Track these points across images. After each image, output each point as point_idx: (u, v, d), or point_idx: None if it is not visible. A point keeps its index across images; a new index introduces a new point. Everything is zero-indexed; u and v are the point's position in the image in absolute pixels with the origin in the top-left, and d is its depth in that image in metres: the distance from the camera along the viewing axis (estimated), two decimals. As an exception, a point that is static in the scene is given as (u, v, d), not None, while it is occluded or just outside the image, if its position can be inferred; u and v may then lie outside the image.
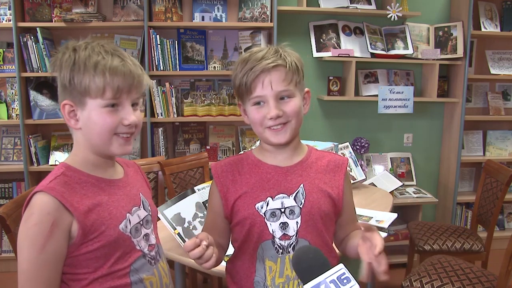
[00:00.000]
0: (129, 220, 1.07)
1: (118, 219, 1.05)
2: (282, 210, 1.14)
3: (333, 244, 1.28)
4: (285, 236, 1.14)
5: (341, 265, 0.84)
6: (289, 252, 1.14)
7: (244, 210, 1.15)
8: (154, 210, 1.18)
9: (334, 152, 1.29)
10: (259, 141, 1.28)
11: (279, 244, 1.14)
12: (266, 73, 1.10)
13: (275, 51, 1.13)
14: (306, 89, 1.19)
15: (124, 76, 1.01)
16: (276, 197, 1.15)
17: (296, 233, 1.14)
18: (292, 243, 1.15)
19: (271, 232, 1.14)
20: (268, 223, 1.14)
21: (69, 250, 0.99)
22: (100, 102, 1.00)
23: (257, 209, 1.14)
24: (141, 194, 1.15)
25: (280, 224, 1.14)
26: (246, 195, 1.16)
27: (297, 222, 1.15)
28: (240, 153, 1.30)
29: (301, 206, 1.15)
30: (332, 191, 1.19)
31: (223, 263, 1.60)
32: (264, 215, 1.14)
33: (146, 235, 1.12)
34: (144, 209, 1.13)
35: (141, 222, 1.11)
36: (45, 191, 0.97)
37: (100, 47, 1.03)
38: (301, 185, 1.16)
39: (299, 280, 1.13)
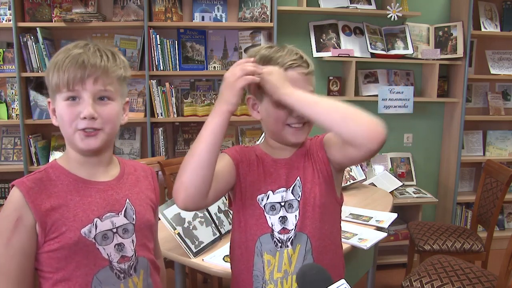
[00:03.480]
0: (96, 225, 1.01)
1: (82, 222, 1.00)
2: (282, 204, 1.15)
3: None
4: (284, 230, 1.15)
5: (342, 281, 0.85)
6: (287, 246, 1.15)
7: (247, 200, 1.16)
8: (145, 221, 1.11)
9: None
10: (261, 139, 1.28)
11: (278, 238, 1.15)
12: (295, 72, 1.11)
13: (295, 52, 1.14)
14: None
15: (75, 67, 0.98)
16: (277, 191, 1.16)
17: (295, 226, 1.15)
18: (291, 237, 1.15)
19: (270, 225, 1.15)
20: (267, 216, 1.15)
21: (37, 246, 0.99)
22: (61, 95, 1.00)
23: (258, 201, 1.16)
24: (128, 201, 1.08)
25: (279, 218, 1.15)
26: (251, 185, 1.17)
27: (295, 215, 1.15)
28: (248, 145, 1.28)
29: (299, 199, 1.15)
30: (324, 170, 1.18)
31: (225, 264, 1.60)
32: (264, 208, 1.15)
33: (120, 244, 1.04)
34: (126, 217, 1.06)
35: (114, 230, 1.04)
36: (16, 185, 0.99)
37: (83, 44, 1.03)
38: (298, 178, 1.17)
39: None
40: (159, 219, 1.78)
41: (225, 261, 1.64)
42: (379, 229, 2.04)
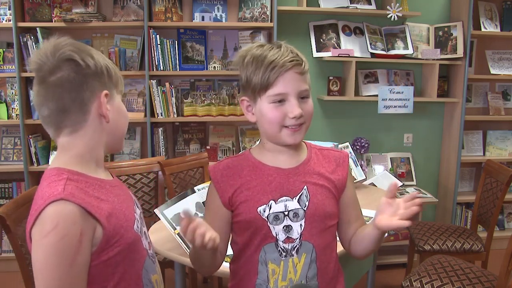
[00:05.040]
0: (138, 219, 1.06)
1: (131, 220, 1.02)
2: (286, 213, 1.13)
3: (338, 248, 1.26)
4: (288, 239, 1.12)
5: None
6: (292, 255, 1.13)
7: (246, 214, 1.13)
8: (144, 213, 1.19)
9: (333, 146, 1.28)
10: (259, 140, 1.26)
11: (283, 247, 1.13)
12: (291, 71, 1.08)
13: (291, 50, 1.11)
14: None
15: None
16: (279, 200, 1.13)
17: (300, 235, 1.13)
18: (296, 246, 1.13)
19: (274, 235, 1.13)
20: (271, 226, 1.12)
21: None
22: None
23: (259, 212, 1.12)
24: (131, 194, 1.12)
25: (283, 227, 1.12)
26: (248, 198, 1.14)
27: (301, 224, 1.13)
28: (238, 153, 1.26)
29: (305, 209, 1.13)
30: (335, 191, 1.18)
31: (226, 264, 1.60)
32: (267, 218, 1.12)
33: (145, 233, 1.10)
34: (138, 207, 1.11)
35: (140, 221, 1.09)
36: (66, 198, 0.88)
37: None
38: (305, 187, 1.14)
39: (302, 282, 1.13)
40: (159, 219, 1.78)
41: (225, 261, 1.63)
42: (379, 229, 2.03)
